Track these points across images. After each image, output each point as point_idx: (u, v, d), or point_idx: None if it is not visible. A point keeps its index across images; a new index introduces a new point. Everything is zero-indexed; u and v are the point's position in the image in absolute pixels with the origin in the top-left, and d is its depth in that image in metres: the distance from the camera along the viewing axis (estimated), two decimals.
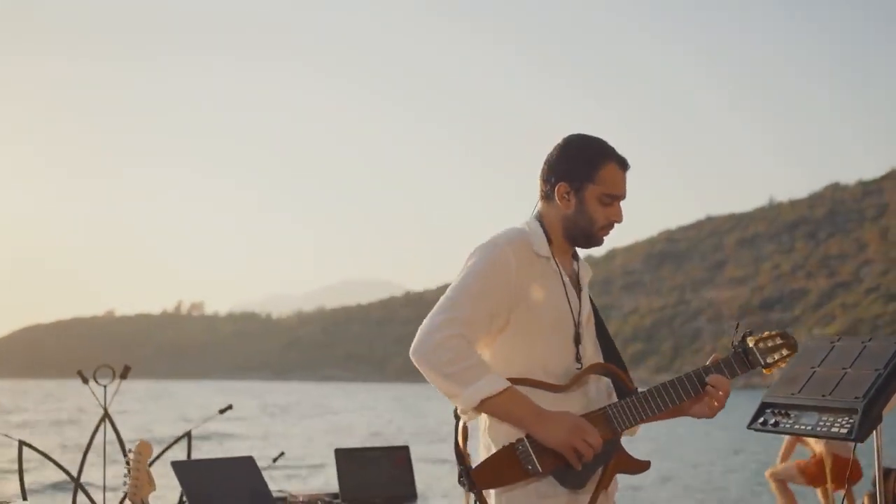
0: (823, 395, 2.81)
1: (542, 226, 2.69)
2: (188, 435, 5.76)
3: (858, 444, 2.82)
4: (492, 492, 2.48)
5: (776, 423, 2.92)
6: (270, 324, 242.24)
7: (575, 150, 2.68)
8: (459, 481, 2.44)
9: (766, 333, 2.76)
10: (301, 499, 4.40)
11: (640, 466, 2.59)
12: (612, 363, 2.68)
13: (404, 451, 4.62)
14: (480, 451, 2.58)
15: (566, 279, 2.68)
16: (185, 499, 4.03)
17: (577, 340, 2.64)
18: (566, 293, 2.66)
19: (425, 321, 2.53)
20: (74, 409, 50.51)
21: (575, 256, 2.78)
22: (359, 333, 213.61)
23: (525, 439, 2.43)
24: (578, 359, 2.62)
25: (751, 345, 2.74)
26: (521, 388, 2.47)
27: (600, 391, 2.66)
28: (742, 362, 2.72)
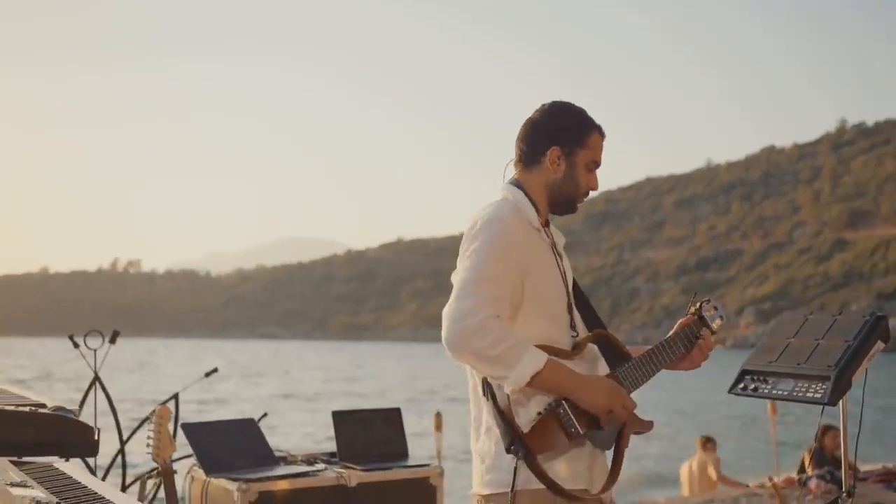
0: (799, 364, 3.13)
1: (525, 193, 2.75)
2: (175, 397, 5.93)
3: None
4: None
5: (755, 389, 3.24)
6: (209, 281, 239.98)
7: (565, 115, 2.76)
8: (509, 449, 2.58)
9: (706, 302, 2.99)
10: (300, 457, 4.65)
11: (647, 426, 2.83)
12: (596, 327, 2.89)
13: (396, 412, 4.88)
14: (487, 421, 2.71)
15: (553, 248, 2.78)
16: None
17: (570, 309, 2.81)
18: (556, 262, 2.76)
19: (451, 308, 2.51)
20: (14, 367, 49.87)
21: (547, 223, 2.83)
22: (299, 291, 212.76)
23: (564, 403, 2.55)
24: (573, 325, 2.78)
25: (703, 313, 2.98)
26: None
27: (593, 357, 2.86)
28: (700, 326, 2.96)
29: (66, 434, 2.05)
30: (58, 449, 2.08)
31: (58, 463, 2.56)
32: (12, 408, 2.06)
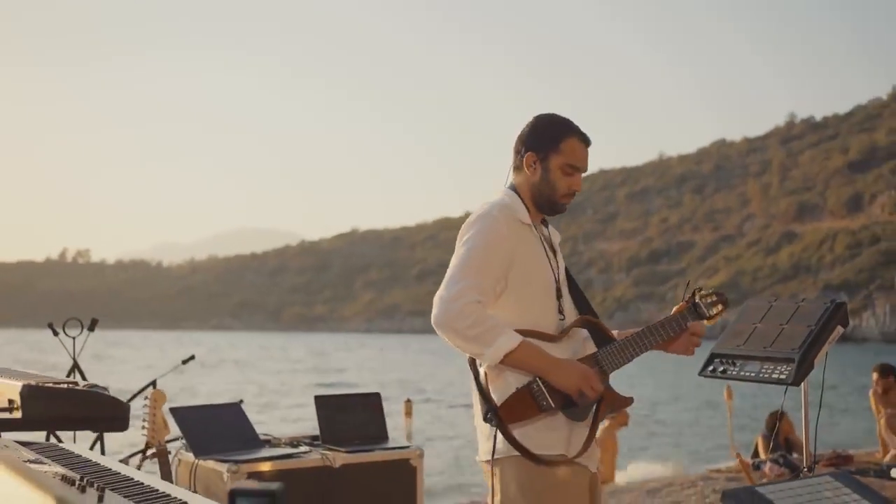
0: (765, 347, 3.37)
1: (518, 195, 3.09)
2: (153, 384, 6.03)
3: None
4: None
5: (724, 371, 3.47)
6: (161, 272, 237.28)
7: (542, 124, 3.11)
8: (486, 418, 2.89)
9: (706, 292, 3.25)
10: (284, 440, 4.80)
11: (625, 402, 3.11)
12: (587, 314, 3.17)
13: (376, 397, 5.06)
14: (476, 396, 3.02)
15: (545, 243, 3.14)
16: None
17: (559, 296, 3.11)
18: (546, 255, 3.10)
19: (442, 292, 2.86)
20: None
21: (544, 223, 3.22)
22: (253, 282, 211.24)
23: (538, 380, 2.88)
24: (561, 311, 3.09)
25: (697, 299, 3.24)
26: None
27: (581, 339, 3.14)
28: (694, 313, 3.22)
29: (100, 409, 2.18)
30: (91, 424, 2.21)
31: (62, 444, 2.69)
32: (51, 384, 2.19)
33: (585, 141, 3.11)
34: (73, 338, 5.99)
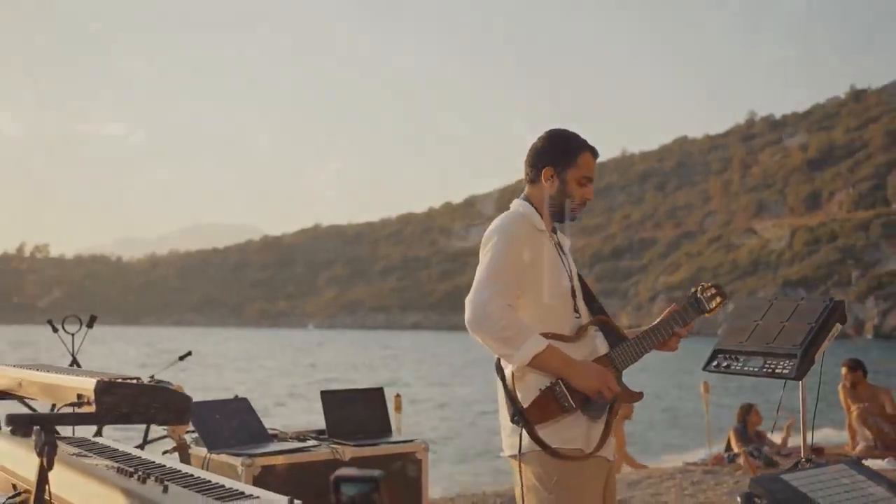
0: (767, 343, 3.54)
1: (532, 205, 3.31)
2: (151, 378, 6.08)
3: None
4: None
5: (728, 366, 3.65)
6: (121, 267, 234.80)
7: (558, 140, 3.35)
8: (513, 419, 3.07)
9: (705, 285, 3.45)
10: (290, 435, 4.91)
11: (636, 397, 3.30)
12: (599, 314, 3.35)
13: (379, 392, 5.18)
14: (502, 397, 3.20)
15: (558, 248, 3.36)
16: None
17: (574, 297, 3.31)
18: (560, 259, 3.31)
19: (473, 296, 3.06)
20: None
21: (554, 230, 3.43)
22: (214, 278, 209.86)
23: (560, 382, 3.08)
24: (576, 310, 3.29)
25: (699, 294, 3.43)
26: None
27: (596, 338, 3.33)
28: (696, 308, 3.41)
29: (169, 403, 2.29)
30: (160, 417, 2.31)
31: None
32: (121, 380, 2.29)
33: (595, 154, 3.37)
34: (73, 334, 6.04)
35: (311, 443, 4.69)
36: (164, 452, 4.60)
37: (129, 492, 2.35)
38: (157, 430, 5.19)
